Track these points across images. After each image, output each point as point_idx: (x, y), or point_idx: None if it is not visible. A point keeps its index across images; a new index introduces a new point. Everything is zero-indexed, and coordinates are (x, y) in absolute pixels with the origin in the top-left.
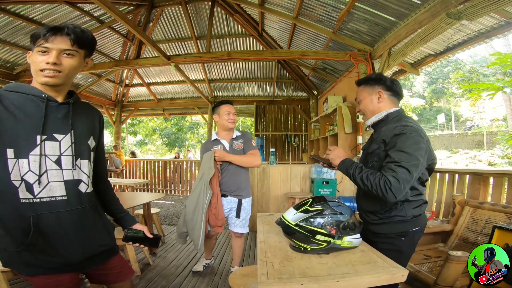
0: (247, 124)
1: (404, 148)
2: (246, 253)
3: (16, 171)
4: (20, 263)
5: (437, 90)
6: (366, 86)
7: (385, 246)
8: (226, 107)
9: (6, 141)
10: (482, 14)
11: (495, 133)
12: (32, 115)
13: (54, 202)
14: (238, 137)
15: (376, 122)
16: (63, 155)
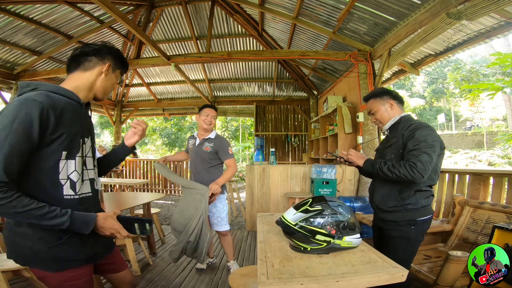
0: (247, 124)
1: (421, 137)
2: (246, 253)
3: (65, 171)
4: (48, 259)
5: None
6: (377, 99)
7: (394, 233)
8: (207, 110)
9: (65, 144)
10: (482, 14)
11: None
12: (76, 120)
13: (85, 198)
14: (210, 140)
15: (393, 125)
16: (87, 156)
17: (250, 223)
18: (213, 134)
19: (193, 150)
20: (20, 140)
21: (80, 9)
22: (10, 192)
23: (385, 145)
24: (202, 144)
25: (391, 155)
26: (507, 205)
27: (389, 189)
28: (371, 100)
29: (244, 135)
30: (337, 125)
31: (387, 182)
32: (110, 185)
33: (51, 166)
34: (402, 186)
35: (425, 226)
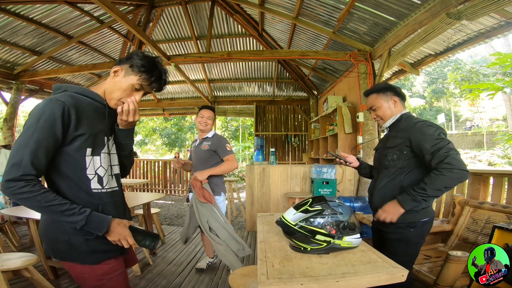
0: (247, 124)
1: (435, 135)
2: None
3: (92, 166)
4: (86, 252)
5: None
6: (380, 94)
7: (393, 236)
8: (203, 111)
9: (89, 142)
10: (482, 14)
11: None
12: (98, 119)
13: (113, 192)
14: (208, 139)
15: (393, 123)
16: (111, 153)
17: (250, 223)
18: (211, 133)
19: (193, 151)
20: (46, 136)
21: (80, 9)
22: (38, 186)
23: (385, 145)
24: (201, 144)
25: (393, 156)
26: (507, 205)
27: (390, 191)
28: (374, 95)
29: (244, 135)
30: (337, 125)
31: (388, 183)
32: None
33: (78, 162)
34: (402, 187)
35: (425, 228)
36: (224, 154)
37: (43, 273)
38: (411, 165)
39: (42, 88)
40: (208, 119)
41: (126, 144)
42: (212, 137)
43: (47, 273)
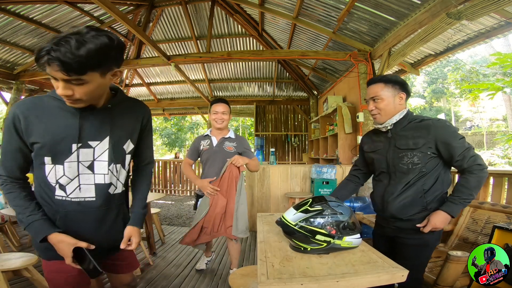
0: (247, 124)
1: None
2: (246, 253)
3: (52, 175)
4: (42, 248)
5: (437, 90)
6: (388, 85)
7: (412, 242)
8: (215, 106)
9: (45, 151)
10: (482, 14)
11: (495, 133)
12: (69, 126)
13: (83, 202)
14: (231, 139)
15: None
16: (97, 160)
17: (250, 223)
18: (232, 133)
19: (212, 151)
20: (8, 140)
21: (80, 9)
22: (8, 186)
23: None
24: (223, 144)
25: (413, 158)
26: (507, 205)
27: (412, 196)
28: (380, 85)
29: (244, 135)
30: (337, 125)
31: (408, 189)
32: None
33: (38, 168)
34: (426, 190)
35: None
36: (250, 156)
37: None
38: (433, 165)
39: (42, 88)
40: (223, 115)
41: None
42: (235, 138)
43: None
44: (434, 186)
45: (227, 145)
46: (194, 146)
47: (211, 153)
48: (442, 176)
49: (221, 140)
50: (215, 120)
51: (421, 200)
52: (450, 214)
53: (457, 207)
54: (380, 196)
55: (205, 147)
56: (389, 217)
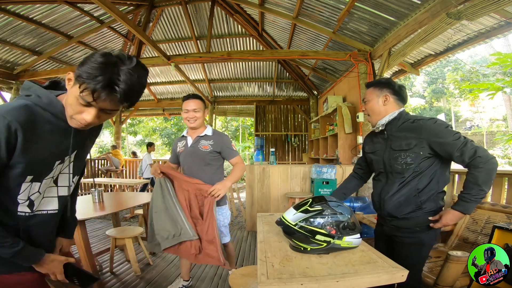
0: (247, 124)
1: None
2: (246, 253)
3: (26, 192)
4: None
5: (437, 90)
6: (375, 88)
7: (407, 240)
8: (185, 103)
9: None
10: (482, 14)
11: (495, 133)
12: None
13: (45, 215)
14: (208, 137)
15: (390, 121)
16: (62, 173)
17: (250, 223)
18: (209, 130)
19: (186, 152)
20: None
21: (80, 9)
22: None
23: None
24: (198, 143)
25: (406, 159)
26: (507, 205)
27: (407, 195)
28: (370, 88)
29: (244, 135)
30: (337, 125)
31: (402, 188)
32: (110, 185)
33: (13, 187)
34: (421, 189)
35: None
36: (231, 156)
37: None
38: (427, 165)
39: None
40: (195, 112)
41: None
42: (212, 134)
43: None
44: (429, 185)
45: (202, 144)
46: (173, 148)
47: (186, 154)
48: (438, 175)
49: (196, 139)
50: (187, 119)
51: (415, 199)
52: (463, 212)
53: (470, 204)
54: (378, 194)
55: (181, 149)
56: (386, 216)
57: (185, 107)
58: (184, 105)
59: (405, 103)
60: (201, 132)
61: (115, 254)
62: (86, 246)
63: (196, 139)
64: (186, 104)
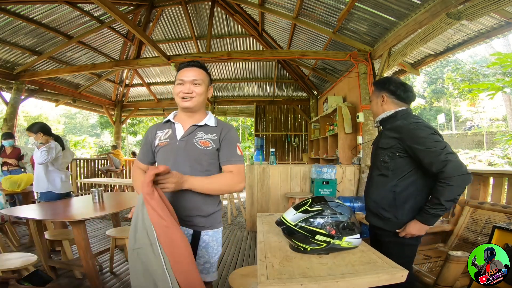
0: (247, 124)
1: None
2: (246, 253)
3: None
4: None
5: (437, 90)
6: (375, 89)
7: (388, 239)
8: (182, 72)
9: None
10: (482, 14)
11: (495, 133)
12: None
13: None
14: (210, 129)
15: (385, 118)
16: None
17: (250, 223)
18: (212, 119)
19: (173, 147)
20: None
21: (80, 9)
22: None
23: (378, 143)
24: (194, 135)
25: (384, 157)
26: (507, 205)
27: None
28: (374, 88)
29: (244, 135)
30: (337, 125)
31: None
32: (110, 185)
33: None
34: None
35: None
36: (231, 158)
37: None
38: (406, 169)
39: (42, 88)
40: (194, 86)
41: None
42: (216, 126)
43: (47, 273)
44: (407, 190)
45: (200, 138)
46: (146, 139)
47: (172, 150)
48: (419, 182)
49: (191, 129)
50: (179, 96)
51: (391, 201)
52: (424, 223)
53: (430, 217)
54: (366, 189)
55: (163, 141)
56: (367, 211)
57: (181, 77)
58: (179, 74)
59: (407, 102)
60: (200, 119)
61: (115, 254)
62: (86, 246)
63: (190, 128)
64: (182, 73)
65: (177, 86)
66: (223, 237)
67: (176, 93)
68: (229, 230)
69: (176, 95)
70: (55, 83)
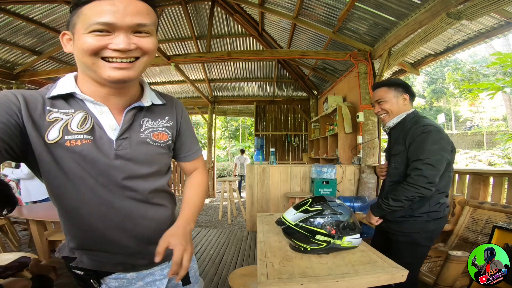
0: (247, 124)
1: (426, 146)
2: (246, 253)
3: None
4: None
5: (437, 90)
6: (391, 88)
7: (402, 239)
8: (97, 3)
9: None
10: (482, 14)
11: (495, 133)
12: None
13: None
14: (159, 110)
15: (396, 124)
16: None
17: (250, 223)
18: (152, 92)
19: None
20: None
21: None
22: None
23: (389, 151)
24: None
25: (396, 164)
26: (507, 205)
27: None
28: (384, 89)
29: (244, 135)
30: (337, 125)
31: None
32: None
33: None
34: None
35: (435, 233)
36: (194, 150)
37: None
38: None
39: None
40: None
41: None
42: (166, 103)
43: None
44: None
45: (152, 131)
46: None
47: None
48: None
49: (130, 116)
50: (100, 55)
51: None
52: (371, 210)
53: (377, 207)
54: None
55: (78, 139)
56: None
57: (102, 16)
58: (99, 6)
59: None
60: (136, 95)
61: None
62: None
63: (129, 115)
64: (112, 3)
65: (91, 36)
66: (223, 237)
67: (87, 49)
68: (229, 230)
69: (88, 54)
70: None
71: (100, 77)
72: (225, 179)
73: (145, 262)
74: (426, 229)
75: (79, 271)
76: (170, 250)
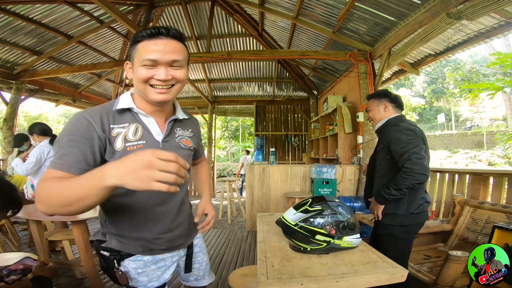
0: (247, 124)
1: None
2: (246, 253)
3: None
4: None
5: (437, 90)
6: (375, 99)
7: (382, 232)
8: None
9: None
10: (482, 14)
11: (495, 133)
12: None
13: None
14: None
15: (380, 127)
16: None
17: (250, 223)
18: (180, 109)
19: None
20: None
21: (80, 9)
22: None
23: (375, 150)
24: (174, 134)
25: (379, 161)
26: (507, 205)
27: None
28: (371, 100)
29: (244, 135)
30: (337, 125)
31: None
32: None
33: None
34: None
35: (413, 228)
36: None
37: None
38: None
39: (42, 88)
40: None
41: None
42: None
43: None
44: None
45: (181, 137)
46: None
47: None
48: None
49: (170, 128)
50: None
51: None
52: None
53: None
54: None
55: (134, 145)
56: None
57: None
58: (144, 49)
59: (402, 109)
60: (170, 110)
61: None
62: (87, 246)
63: (169, 124)
64: (151, 47)
65: (143, 69)
66: (223, 237)
67: (140, 78)
68: (229, 230)
69: (141, 82)
70: (55, 83)
71: (148, 98)
72: (225, 179)
73: (162, 247)
74: (403, 223)
75: (106, 252)
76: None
